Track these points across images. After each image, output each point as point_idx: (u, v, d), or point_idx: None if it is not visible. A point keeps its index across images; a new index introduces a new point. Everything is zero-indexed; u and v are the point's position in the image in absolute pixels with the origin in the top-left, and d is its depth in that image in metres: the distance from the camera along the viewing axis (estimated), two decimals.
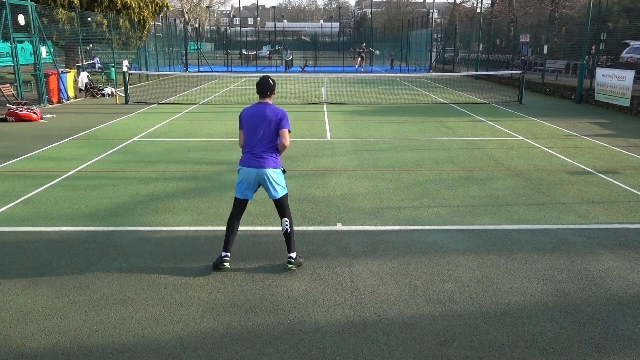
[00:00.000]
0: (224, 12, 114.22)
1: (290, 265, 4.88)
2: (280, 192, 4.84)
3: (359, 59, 38.23)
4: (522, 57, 28.19)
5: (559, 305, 4.31)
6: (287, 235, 4.88)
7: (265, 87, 4.87)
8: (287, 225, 4.86)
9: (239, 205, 4.95)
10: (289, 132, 4.83)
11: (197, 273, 4.87)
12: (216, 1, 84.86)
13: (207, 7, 75.85)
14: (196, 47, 43.88)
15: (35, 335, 3.85)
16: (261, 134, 4.74)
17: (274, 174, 4.78)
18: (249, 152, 4.79)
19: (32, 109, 14.33)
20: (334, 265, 5.04)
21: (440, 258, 5.22)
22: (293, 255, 4.91)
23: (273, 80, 4.92)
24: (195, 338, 3.82)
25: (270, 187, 4.79)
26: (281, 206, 4.90)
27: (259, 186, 4.91)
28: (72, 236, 5.78)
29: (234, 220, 4.93)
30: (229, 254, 4.88)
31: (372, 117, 14.94)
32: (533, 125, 13.57)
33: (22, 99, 15.97)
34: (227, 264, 4.84)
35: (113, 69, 24.42)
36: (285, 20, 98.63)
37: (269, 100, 4.91)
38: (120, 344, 3.74)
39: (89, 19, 22.51)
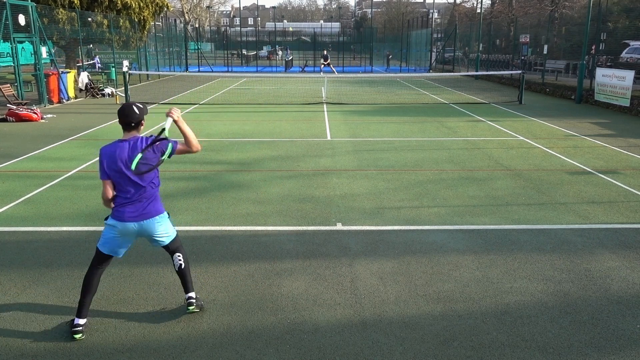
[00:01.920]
0: (224, 12, 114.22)
1: (192, 308, 4.11)
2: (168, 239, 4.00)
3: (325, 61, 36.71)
4: (522, 57, 28.19)
5: (559, 305, 4.31)
6: (182, 271, 4.06)
7: (128, 117, 3.70)
8: (179, 260, 4.03)
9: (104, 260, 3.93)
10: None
11: (197, 273, 4.87)
12: (216, 1, 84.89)
13: (207, 7, 75.87)
14: (196, 47, 43.89)
15: (35, 335, 3.85)
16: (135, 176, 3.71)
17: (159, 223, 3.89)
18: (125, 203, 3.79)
19: (32, 109, 14.33)
20: (334, 265, 5.04)
21: (440, 258, 5.23)
22: (192, 294, 4.14)
23: (140, 108, 3.76)
24: (195, 338, 3.82)
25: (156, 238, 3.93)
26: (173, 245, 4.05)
27: (133, 241, 3.99)
28: (72, 236, 5.78)
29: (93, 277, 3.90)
30: (83, 322, 3.85)
31: (372, 117, 14.94)
32: (533, 125, 13.57)
33: (22, 99, 15.98)
34: (79, 335, 3.79)
35: (113, 69, 24.44)
36: (285, 21, 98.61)
37: (136, 133, 3.78)
38: (120, 344, 3.75)
39: (89, 19, 22.51)
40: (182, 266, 4.04)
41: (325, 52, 34.88)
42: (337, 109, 16.74)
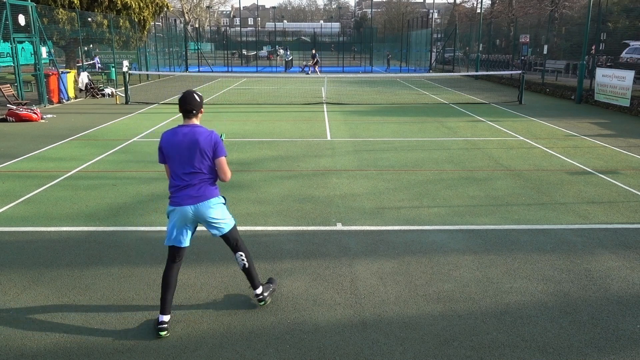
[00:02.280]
0: (224, 12, 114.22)
1: (262, 303, 4.23)
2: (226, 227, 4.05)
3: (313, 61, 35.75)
4: (522, 57, 28.20)
5: (559, 305, 4.31)
6: (247, 270, 4.14)
7: (189, 104, 3.86)
8: (243, 260, 4.10)
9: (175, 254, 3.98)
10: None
11: (197, 273, 4.87)
12: (216, 1, 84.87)
13: (207, 7, 75.87)
14: (196, 48, 43.90)
15: (35, 335, 3.85)
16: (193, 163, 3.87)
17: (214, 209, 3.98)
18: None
19: (32, 109, 14.33)
20: (334, 265, 5.04)
21: (440, 258, 5.23)
22: (259, 291, 4.22)
23: (199, 96, 3.93)
24: (195, 338, 3.82)
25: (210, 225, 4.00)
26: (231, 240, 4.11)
27: (195, 228, 4.05)
28: (72, 236, 5.78)
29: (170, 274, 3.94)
30: (167, 319, 3.90)
31: (372, 117, 14.94)
32: (533, 125, 13.57)
33: (22, 99, 15.97)
34: (164, 333, 3.85)
35: (113, 69, 24.44)
36: (285, 21, 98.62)
37: (195, 121, 3.94)
38: (120, 344, 3.75)
39: (89, 19, 22.51)
40: (246, 265, 4.11)
41: (314, 51, 34.86)
42: (337, 109, 16.75)
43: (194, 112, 3.88)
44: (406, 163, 9.28)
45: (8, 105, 14.74)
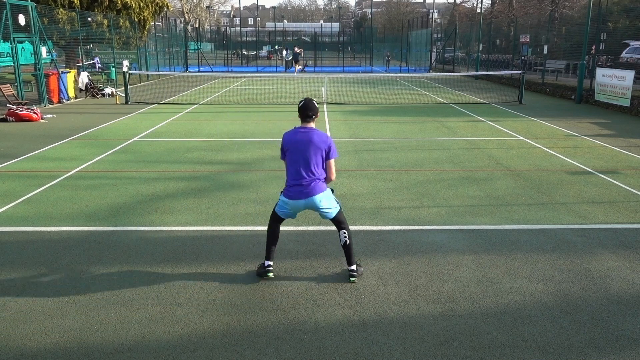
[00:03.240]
0: (224, 12, 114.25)
1: (353, 279, 4.68)
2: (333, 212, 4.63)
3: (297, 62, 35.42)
4: (522, 57, 28.20)
5: (559, 305, 4.31)
6: (346, 247, 4.66)
7: (310, 110, 4.52)
8: (345, 237, 4.64)
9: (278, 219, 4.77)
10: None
11: (197, 273, 4.87)
12: (216, 1, 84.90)
13: (207, 7, 75.87)
14: (196, 47, 43.90)
15: (35, 335, 3.85)
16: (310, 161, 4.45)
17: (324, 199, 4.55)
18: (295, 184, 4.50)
19: (32, 109, 14.33)
20: (334, 265, 5.04)
21: (440, 258, 5.22)
22: (354, 267, 4.71)
23: (316, 104, 4.60)
24: (195, 338, 3.82)
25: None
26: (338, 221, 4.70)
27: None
28: (72, 236, 5.78)
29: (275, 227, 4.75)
30: (272, 263, 4.73)
31: (372, 117, 14.94)
32: (533, 125, 13.57)
33: (22, 99, 15.97)
34: (270, 274, 4.69)
35: (113, 69, 24.43)
36: (285, 21, 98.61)
37: (312, 125, 4.55)
38: (120, 344, 3.75)
39: (89, 19, 22.51)
40: (347, 242, 4.65)
41: (296, 49, 34.45)
42: (337, 109, 16.75)
43: (313, 116, 4.55)
44: (406, 163, 9.28)
45: (8, 105, 14.74)
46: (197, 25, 54.45)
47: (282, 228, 5.97)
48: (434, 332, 3.91)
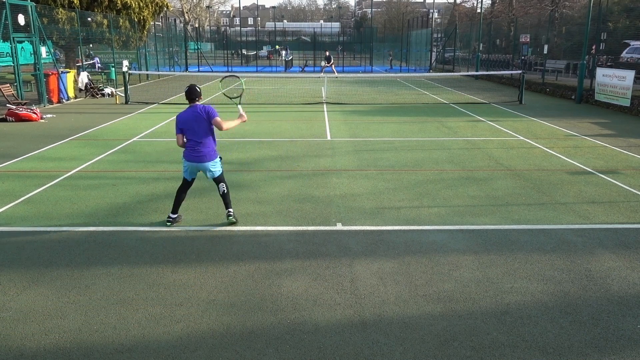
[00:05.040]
0: (224, 12, 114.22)
1: (231, 218, 6.04)
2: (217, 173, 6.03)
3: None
4: (522, 57, 28.21)
5: (559, 305, 4.31)
6: (224, 195, 6.03)
7: (193, 94, 5.88)
8: (223, 187, 6.03)
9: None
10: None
11: (197, 273, 4.87)
12: (216, 1, 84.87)
13: (207, 7, 75.84)
14: (196, 47, 43.89)
15: (35, 335, 3.85)
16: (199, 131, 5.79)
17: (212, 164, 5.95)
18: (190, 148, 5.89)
19: (32, 109, 14.33)
20: (334, 265, 5.04)
21: (440, 258, 5.22)
22: (231, 210, 6.09)
23: (199, 88, 5.92)
24: (195, 338, 3.82)
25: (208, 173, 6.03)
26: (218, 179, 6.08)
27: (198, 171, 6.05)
28: (72, 236, 5.78)
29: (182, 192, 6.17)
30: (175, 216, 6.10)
31: (372, 117, 14.94)
32: (533, 125, 13.57)
33: (22, 99, 15.97)
34: (169, 224, 6.06)
35: (113, 69, 24.42)
36: (285, 20, 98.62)
37: (197, 103, 5.89)
38: (120, 344, 3.74)
39: (89, 19, 22.50)
40: (225, 192, 6.03)
41: (327, 53, 34.65)
42: (337, 109, 16.74)
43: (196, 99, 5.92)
44: (406, 163, 9.28)
45: (8, 105, 14.73)
46: (197, 25, 54.44)
47: (282, 228, 6.06)
48: (434, 332, 3.91)
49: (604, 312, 4.20)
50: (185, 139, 5.89)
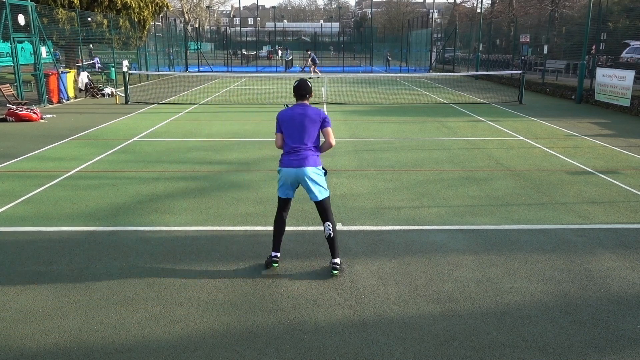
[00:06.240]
0: (224, 12, 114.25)
1: (335, 272, 4.79)
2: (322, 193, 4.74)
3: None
4: (522, 57, 28.21)
5: (559, 305, 4.30)
6: (331, 240, 4.76)
7: (304, 90, 4.88)
8: (329, 229, 4.73)
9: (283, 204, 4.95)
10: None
11: (197, 273, 4.87)
12: (216, 1, 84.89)
13: (207, 7, 75.85)
14: (196, 47, 43.90)
15: (35, 335, 3.84)
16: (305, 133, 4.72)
17: (314, 174, 4.69)
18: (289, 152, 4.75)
19: (32, 109, 14.33)
20: None
21: (440, 258, 5.22)
22: (337, 260, 4.83)
23: (311, 84, 4.98)
24: (195, 338, 3.82)
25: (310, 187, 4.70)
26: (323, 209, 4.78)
27: (298, 186, 4.85)
28: (72, 236, 5.78)
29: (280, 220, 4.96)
30: (278, 254, 4.97)
31: (372, 117, 14.94)
32: (533, 125, 13.57)
33: (22, 99, 15.97)
34: (275, 264, 4.94)
35: (113, 69, 24.42)
36: (285, 20, 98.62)
37: (306, 102, 4.88)
38: (120, 344, 3.74)
39: (89, 19, 22.50)
40: (331, 235, 4.75)
41: (309, 52, 34.08)
42: (337, 109, 16.74)
43: (307, 95, 4.86)
44: (406, 163, 9.28)
45: (8, 105, 14.73)
46: (197, 25, 54.44)
47: None
48: (434, 332, 3.91)
49: (604, 312, 4.20)
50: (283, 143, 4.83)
